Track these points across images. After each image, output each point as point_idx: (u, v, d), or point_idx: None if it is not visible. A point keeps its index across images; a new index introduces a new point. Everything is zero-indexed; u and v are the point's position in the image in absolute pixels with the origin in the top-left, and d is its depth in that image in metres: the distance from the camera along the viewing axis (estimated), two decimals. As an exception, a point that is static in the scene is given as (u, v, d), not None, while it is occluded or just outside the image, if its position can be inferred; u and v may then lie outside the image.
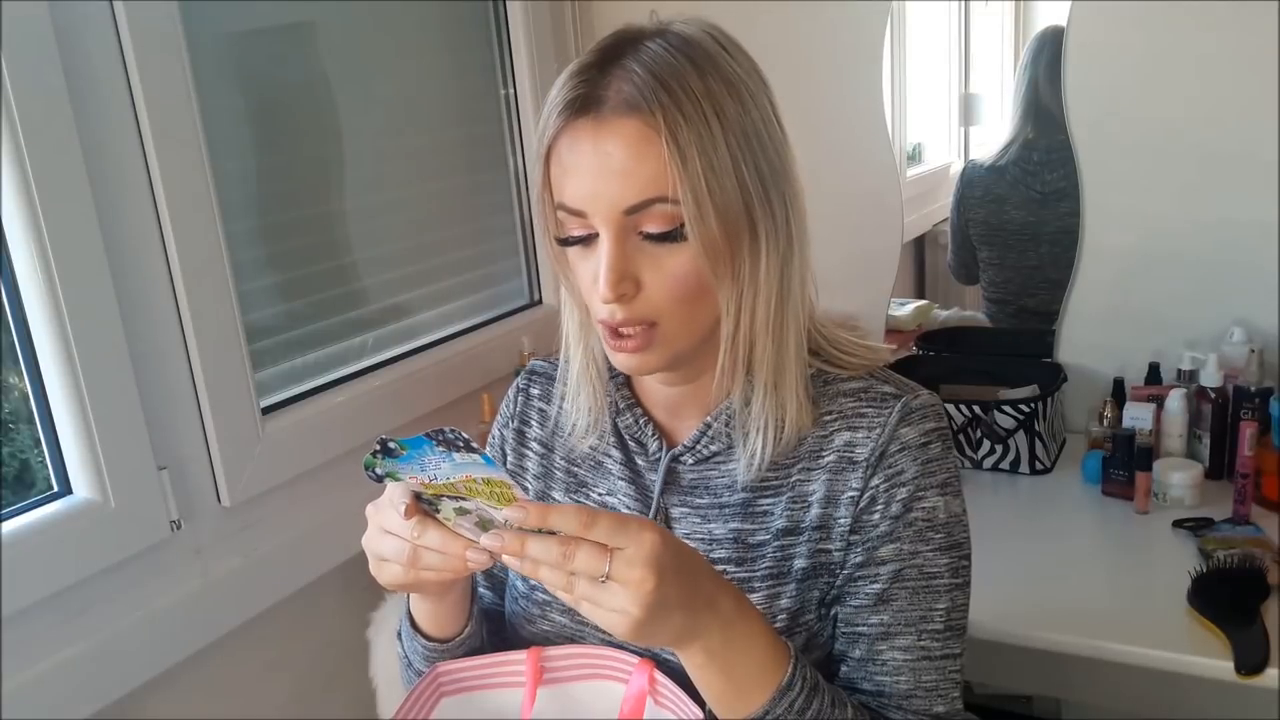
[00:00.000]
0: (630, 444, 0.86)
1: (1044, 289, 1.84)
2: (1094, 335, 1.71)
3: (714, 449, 0.81)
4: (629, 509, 0.84)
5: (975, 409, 1.62)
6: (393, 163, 1.59)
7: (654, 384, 0.84)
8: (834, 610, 0.80)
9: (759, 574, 0.79)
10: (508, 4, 1.78)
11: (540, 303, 1.91)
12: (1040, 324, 1.81)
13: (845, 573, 0.78)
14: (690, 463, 0.82)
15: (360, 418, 1.42)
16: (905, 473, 0.76)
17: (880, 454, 0.77)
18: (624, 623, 0.61)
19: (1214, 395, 1.50)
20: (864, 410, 0.79)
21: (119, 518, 1.09)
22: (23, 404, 1.07)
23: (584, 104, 0.70)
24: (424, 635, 0.84)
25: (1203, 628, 1.15)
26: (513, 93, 1.82)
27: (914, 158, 2.08)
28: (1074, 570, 1.35)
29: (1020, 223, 1.87)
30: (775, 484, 0.80)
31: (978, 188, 1.92)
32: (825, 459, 0.78)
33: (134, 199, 1.12)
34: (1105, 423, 1.57)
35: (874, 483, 0.77)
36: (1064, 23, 1.61)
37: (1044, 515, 1.50)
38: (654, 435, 0.84)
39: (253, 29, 1.35)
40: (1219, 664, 1.09)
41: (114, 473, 1.08)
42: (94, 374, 1.06)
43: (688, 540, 0.81)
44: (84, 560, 1.07)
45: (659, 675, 0.75)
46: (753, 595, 0.78)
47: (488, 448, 0.95)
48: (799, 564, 0.78)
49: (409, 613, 0.85)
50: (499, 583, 0.94)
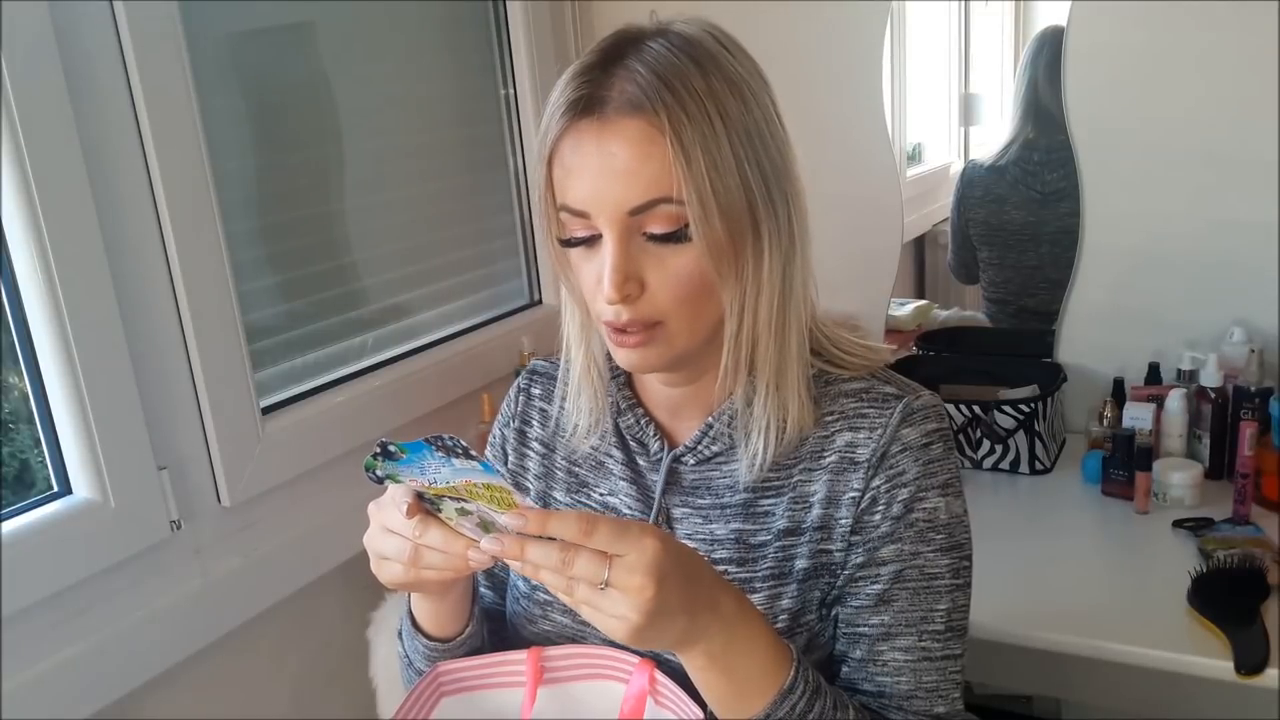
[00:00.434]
0: (632, 444, 0.86)
1: (1044, 289, 1.84)
2: (1094, 335, 1.71)
3: (715, 449, 0.81)
4: (630, 509, 0.84)
5: (975, 409, 1.62)
6: (393, 163, 1.59)
7: (655, 384, 0.84)
8: (835, 611, 0.80)
9: (760, 574, 0.79)
10: (508, 4, 1.78)
11: (540, 303, 1.91)
12: (1040, 324, 1.81)
13: (846, 573, 0.78)
14: (692, 463, 0.82)
15: (360, 418, 1.42)
16: (907, 473, 0.76)
17: (882, 455, 0.77)
18: (624, 628, 0.61)
19: (1214, 395, 1.50)
20: (866, 411, 0.79)
21: (119, 518, 1.09)
22: (23, 404, 1.07)
23: (587, 104, 0.70)
24: (425, 635, 0.84)
25: (1203, 628, 1.15)
26: (513, 93, 1.82)
27: (914, 158, 2.08)
28: (1074, 570, 1.35)
29: (1020, 223, 1.87)
30: (777, 484, 0.80)
31: (978, 188, 1.92)
32: (827, 459, 0.78)
33: (134, 199, 1.12)
34: (1105, 423, 1.57)
35: (875, 483, 0.77)
36: (1064, 23, 1.61)
37: (1044, 515, 1.50)
38: (655, 435, 0.84)
39: (253, 29, 1.35)
40: (1219, 664, 1.09)
41: (114, 473, 1.08)
42: (94, 374, 1.06)
43: (689, 540, 0.81)
44: (84, 560, 1.07)
45: (659, 675, 0.75)
46: (754, 596, 0.78)
47: (488, 448, 0.95)
48: (800, 564, 0.78)
49: (410, 612, 0.85)
50: (500, 583, 0.94)
